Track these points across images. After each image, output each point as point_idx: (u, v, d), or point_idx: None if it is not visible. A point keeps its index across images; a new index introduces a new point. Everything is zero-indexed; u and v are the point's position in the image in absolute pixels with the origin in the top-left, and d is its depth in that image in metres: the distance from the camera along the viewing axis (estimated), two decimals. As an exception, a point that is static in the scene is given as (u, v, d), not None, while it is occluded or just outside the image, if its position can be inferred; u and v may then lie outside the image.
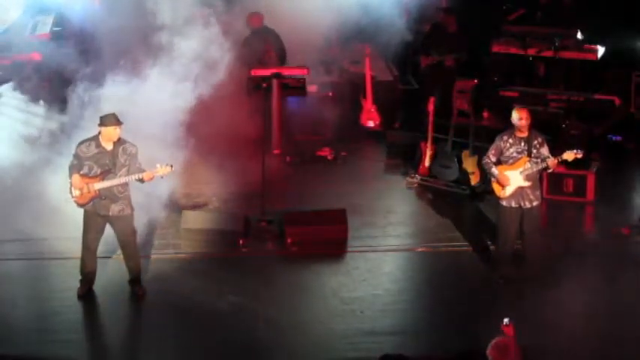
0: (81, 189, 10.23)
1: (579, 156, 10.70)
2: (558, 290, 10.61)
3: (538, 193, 10.89)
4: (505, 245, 10.94)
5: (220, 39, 12.38)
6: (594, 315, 9.99)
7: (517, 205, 10.77)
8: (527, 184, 10.73)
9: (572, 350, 9.40)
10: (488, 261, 11.40)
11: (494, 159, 10.89)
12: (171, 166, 10.30)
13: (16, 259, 11.26)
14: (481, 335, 8.21)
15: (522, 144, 10.76)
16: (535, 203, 10.81)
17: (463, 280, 11.19)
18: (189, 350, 9.71)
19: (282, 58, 14.88)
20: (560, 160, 10.72)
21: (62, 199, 10.78)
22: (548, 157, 10.70)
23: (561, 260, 11.36)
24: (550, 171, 11.02)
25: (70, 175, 10.27)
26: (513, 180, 10.74)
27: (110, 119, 10.21)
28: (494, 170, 10.82)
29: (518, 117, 10.72)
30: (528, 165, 10.71)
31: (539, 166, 10.74)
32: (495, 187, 10.87)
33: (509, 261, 11.01)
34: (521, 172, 10.72)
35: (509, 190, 10.75)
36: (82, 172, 10.23)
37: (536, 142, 10.76)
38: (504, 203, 10.82)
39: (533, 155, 10.72)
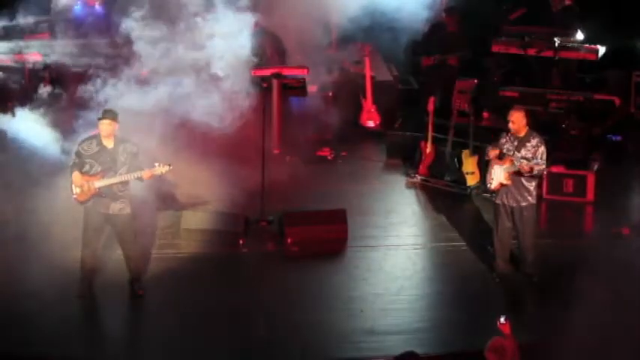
0: (81, 186, 10.24)
1: (540, 168, 10.62)
2: (556, 289, 10.62)
3: (526, 194, 10.80)
4: (497, 242, 10.96)
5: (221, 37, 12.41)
6: (593, 314, 9.98)
7: (500, 202, 10.80)
8: (507, 182, 10.71)
9: (570, 349, 9.39)
10: (488, 260, 11.41)
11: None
12: (170, 165, 10.32)
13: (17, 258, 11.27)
14: (481, 334, 8.22)
15: (515, 143, 10.76)
16: (523, 204, 10.78)
17: (463, 280, 11.21)
18: (189, 350, 9.70)
19: (282, 57, 14.88)
20: (527, 167, 10.62)
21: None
22: (530, 160, 10.61)
23: (560, 260, 11.37)
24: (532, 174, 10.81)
25: (71, 173, 10.31)
26: (498, 175, 10.75)
27: (106, 114, 10.24)
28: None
29: (509, 120, 10.75)
30: (515, 164, 10.67)
31: (516, 168, 10.66)
32: (487, 176, 10.92)
33: (506, 259, 11.03)
34: (504, 170, 10.71)
35: (494, 184, 10.80)
36: (83, 170, 10.25)
37: (529, 144, 10.73)
38: (494, 199, 10.90)
39: (520, 156, 10.68)
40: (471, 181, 13.42)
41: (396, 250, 12.01)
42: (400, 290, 10.95)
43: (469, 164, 13.48)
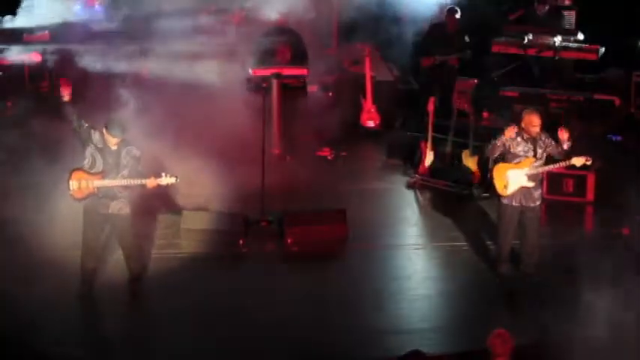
0: (79, 182, 10.17)
1: (588, 163, 10.67)
2: (557, 290, 10.62)
3: (540, 192, 10.92)
4: (504, 243, 10.96)
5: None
6: (593, 314, 9.99)
7: (518, 204, 10.78)
8: (531, 184, 10.72)
9: (570, 349, 9.39)
10: (488, 260, 11.41)
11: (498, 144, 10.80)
12: (177, 178, 10.26)
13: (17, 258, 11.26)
14: (482, 334, 8.22)
15: (529, 144, 10.75)
16: (538, 202, 10.83)
17: (464, 279, 11.21)
18: (189, 350, 9.70)
19: (301, 57, 14.87)
20: (568, 164, 10.68)
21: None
22: (562, 144, 10.59)
23: (560, 260, 11.36)
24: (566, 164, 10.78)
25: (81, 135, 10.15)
26: (517, 179, 10.72)
27: (115, 130, 10.10)
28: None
29: (532, 124, 10.63)
30: (536, 164, 10.69)
31: (546, 167, 10.72)
32: (497, 184, 10.83)
33: (507, 259, 11.03)
34: (526, 173, 10.71)
35: (511, 189, 10.74)
36: (83, 165, 10.18)
37: (540, 141, 10.74)
38: (505, 201, 10.81)
39: (538, 155, 10.71)
40: (472, 181, 13.41)
41: (396, 250, 12.02)
42: (401, 290, 10.96)
43: (469, 164, 13.48)
